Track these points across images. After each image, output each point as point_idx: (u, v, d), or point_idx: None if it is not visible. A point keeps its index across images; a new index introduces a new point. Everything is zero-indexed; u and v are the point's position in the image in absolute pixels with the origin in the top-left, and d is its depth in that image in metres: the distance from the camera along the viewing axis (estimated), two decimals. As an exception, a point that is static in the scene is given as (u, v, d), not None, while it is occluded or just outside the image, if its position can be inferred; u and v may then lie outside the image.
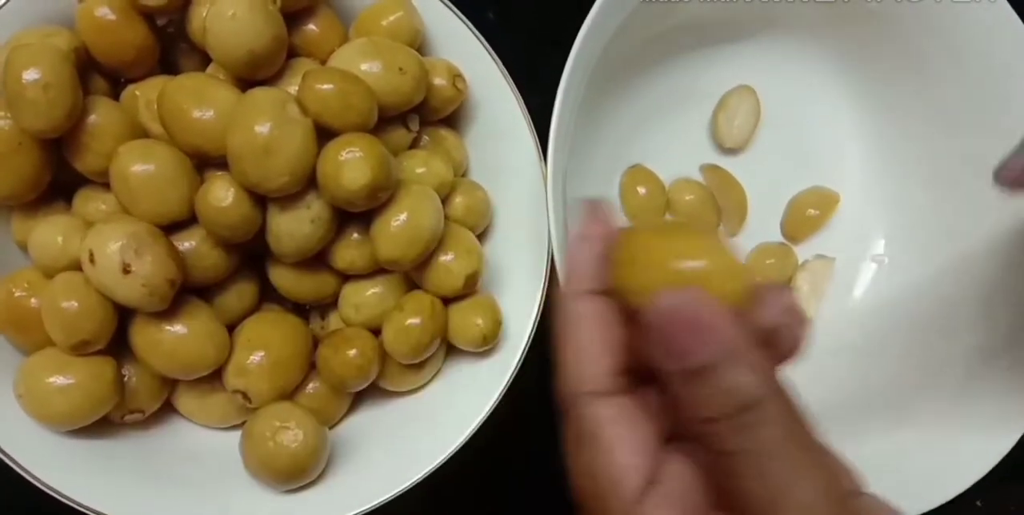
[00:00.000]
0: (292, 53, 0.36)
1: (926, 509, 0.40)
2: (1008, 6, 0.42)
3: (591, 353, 0.24)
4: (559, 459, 0.27)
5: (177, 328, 0.33)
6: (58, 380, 0.33)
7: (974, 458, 0.41)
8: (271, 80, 0.35)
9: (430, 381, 0.39)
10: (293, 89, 0.34)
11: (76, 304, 0.32)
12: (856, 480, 0.24)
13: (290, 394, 0.37)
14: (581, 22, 0.35)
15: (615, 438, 0.23)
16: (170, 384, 0.36)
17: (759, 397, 0.21)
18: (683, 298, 0.21)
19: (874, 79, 0.48)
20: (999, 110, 0.44)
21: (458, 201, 0.38)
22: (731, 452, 0.21)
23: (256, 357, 0.35)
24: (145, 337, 0.33)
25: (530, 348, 0.37)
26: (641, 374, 0.25)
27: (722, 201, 0.47)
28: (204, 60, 0.37)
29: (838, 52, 0.48)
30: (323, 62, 0.36)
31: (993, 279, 0.45)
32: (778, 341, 0.23)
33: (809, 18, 0.46)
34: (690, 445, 0.24)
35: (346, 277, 0.37)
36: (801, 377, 0.46)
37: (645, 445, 0.23)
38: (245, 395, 0.35)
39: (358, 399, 0.40)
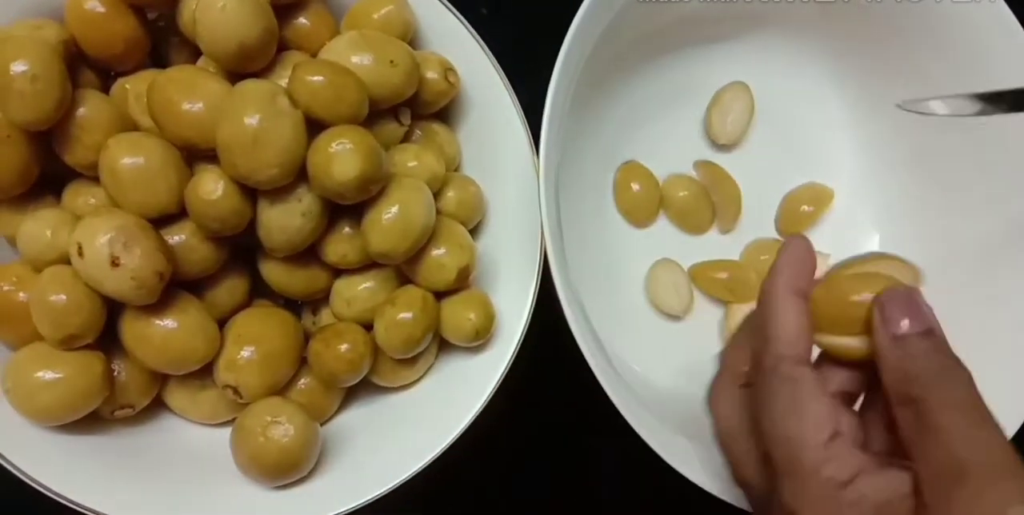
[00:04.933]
0: (283, 46, 0.36)
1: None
2: (1004, 5, 0.42)
3: (800, 327, 0.29)
4: (553, 455, 0.27)
5: (167, 322, 0.33)
6: (46, 375, 0.32)
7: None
8: (262, 73, 0.35)
9: (422, 376, 0.39)
10: (284, 82, 0.34)
11: (64, 298, 0.31)
12: None
13: (281, 389, 0.36)
14: (573, 16, 0.35)
15: (816, 394, 0.27)
16: (160, 379, 0.36)
17: (955, 363, 0.27)
18: (906, 289, 0.28)
19: (868, 76, 0.48)
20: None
21: (450, 195, 0.38)
22: (924, 397, 0.26)
23: (247, 352, 0.35)
24: (135, 331, 0.33)
25: (523, 343, 0.37)
26: None
27: (716, 197, 0.47)
28: (194, 53, 0.36)
29: (832, 49, 0.48)
30: (314, 55, 0.36)
31: (986, 275, 0.45)
32: None
33: (803, 15, 0.46)
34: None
35: (338, 271, 0.37)
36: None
37: (834, 405, 0.28)
38: (236, 390, 0.35)
39: (350, 395, 0.39)
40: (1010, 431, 0.41)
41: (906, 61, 0.45)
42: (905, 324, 0.27)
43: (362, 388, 0.39)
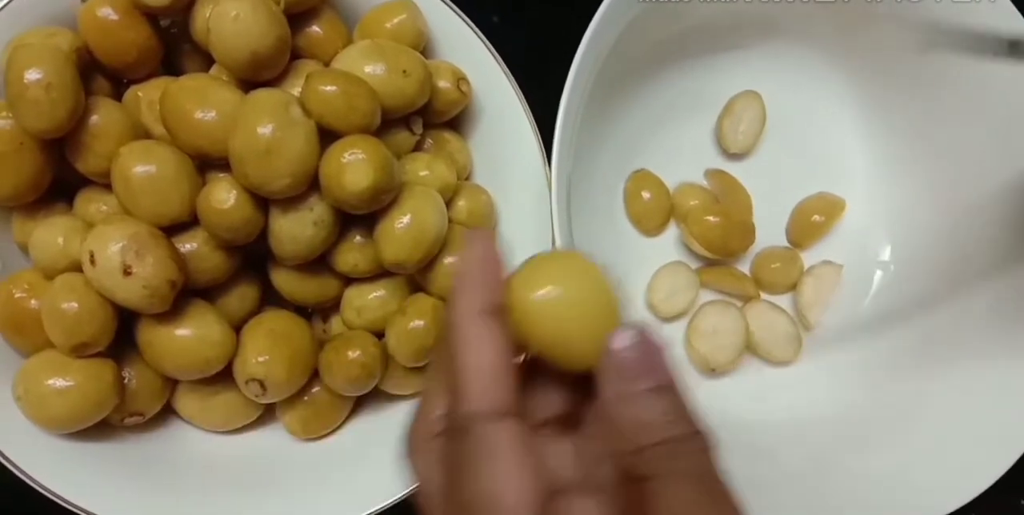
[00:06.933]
0: (295, 55, 0.36)
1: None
2: (1011, 5, 0.41)
3: (495, 367, 0.22)
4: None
5: (186, 328, 0.33)
6: (57, 382, 0.32)
7: (976, 472, 0.41)
8: (274, 82, 0.35)
9: (432, 385, 0.39)
10: (296, 91, 0.34)
11: (76, 306, 0.31)
12: None
13: (293, 396, 0.36)
14: (586, 26, 0.35)
15: (519, 461, 0.21)
16: (171, 386, 0.36)
17: (694, 430, 0.22)
18: (641, 337, 0.23)
19: (880, 84, 0.48)
20: (1005, 112, 0.43)
21: (461, 204, 0.38)
22: (652, 476, 0.21)
23: (276, 346, 0.35)
24: (153, 337, 0.33)
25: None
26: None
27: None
28: (207, 61, 0.36)
29: (844, 57, 0.48)
30: (326, 64, 0.36)
31: (997, 288, 0.44)
32: None
33: (815, 23, 0.46)
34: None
35: (348, 280, 0.37)
36: (807, 385, 0.46)
37: (541, 472, 0.21)
38: (262, 384, 0.34)
39: (360, 403, 0.39)
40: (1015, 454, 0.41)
41: (917, 67, 0.45)
42: (637, 379, 0.22)
43: (371, 397, 0.39)
